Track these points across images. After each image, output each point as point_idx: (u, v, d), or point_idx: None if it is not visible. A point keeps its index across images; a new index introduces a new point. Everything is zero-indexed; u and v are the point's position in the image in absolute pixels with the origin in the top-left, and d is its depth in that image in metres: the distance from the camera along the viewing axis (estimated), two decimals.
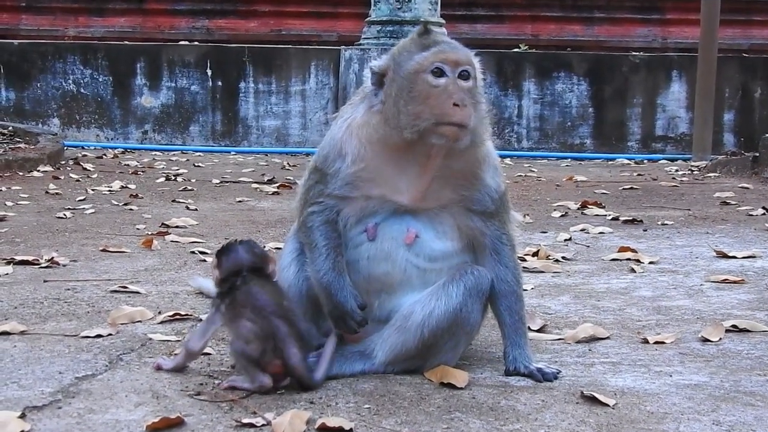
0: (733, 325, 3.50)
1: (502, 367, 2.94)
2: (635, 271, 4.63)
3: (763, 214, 6.62)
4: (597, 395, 2.67)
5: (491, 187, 2.89)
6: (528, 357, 2.92)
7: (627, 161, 11.89)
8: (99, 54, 12.98)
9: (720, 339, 3.35)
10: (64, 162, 9.96)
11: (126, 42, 13.63)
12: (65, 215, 6.38)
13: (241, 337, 2.69)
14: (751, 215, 6.64)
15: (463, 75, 2.73)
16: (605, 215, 6.62)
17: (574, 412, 2.59)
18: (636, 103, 12.86)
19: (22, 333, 3.31)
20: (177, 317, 3.57)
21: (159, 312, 3.65)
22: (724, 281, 4.38)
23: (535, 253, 4.95)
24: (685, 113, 12.73)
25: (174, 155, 11.81)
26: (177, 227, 5.93)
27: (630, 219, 6.36)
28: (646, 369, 3.01)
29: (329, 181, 2.86)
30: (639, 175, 9.95)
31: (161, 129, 12.93)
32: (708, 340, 3.34)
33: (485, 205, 2.89)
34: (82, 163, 9.98)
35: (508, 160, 11.44)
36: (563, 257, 4.98)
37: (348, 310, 2.81)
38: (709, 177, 9.60)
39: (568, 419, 2.53)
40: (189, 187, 8.25)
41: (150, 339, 3.27)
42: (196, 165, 10.49)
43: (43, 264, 4.60)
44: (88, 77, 12.93)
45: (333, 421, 2.42)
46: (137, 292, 4.04)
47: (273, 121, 12.87)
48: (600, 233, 5.84)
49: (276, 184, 8.52)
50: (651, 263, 4.85)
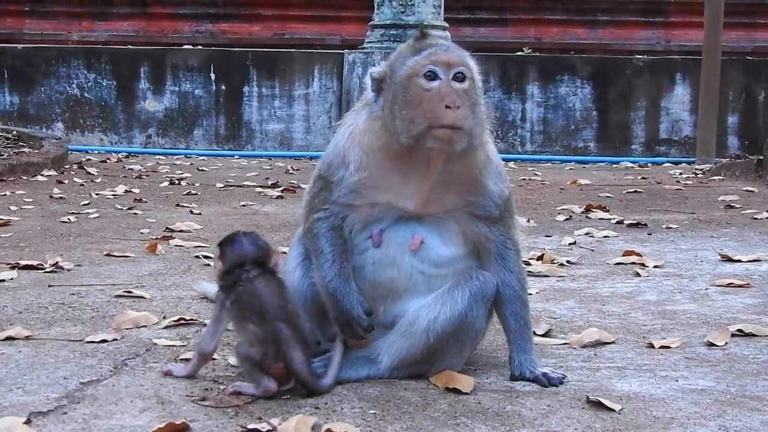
0: (739, 330, 3.49)
1: (507, 372, 2.93)
2: (640, 275, 4.63)
3: None
4: (603, 400, 2.67)
5: (494, 193, 2.88)
6: (533, 362, 2.91)
7: (631, 164, 11.88)
8: (102, 58, 12.99)
9: (726, 343, 3.35)
10: (68, 166, 9.97)
11: (129, 46, 13.65)
12: (69, 220, 6.38)
13: (245, 339, 2.68)
14: (756, 218, 6.63)
15: (458, 77, 2.71)
16: (610, 219, 6.62)
17: (579, 417, 2.59)
18: (640, 107, 12.85)
19: (26, 338, 3.31)
20: (182, 322, 3.57)
21: (164, 317, 3.65)
22: (729, 285, 4.37)
23: (540, 257, 4.94)
24: (689, 116, 12.72)
25: (178, 159, 11.82)
26: (181, 231, 5.93)
27: (634, 222, 6.36)
28: (651, 374, 3.00)
29: (334, 189, 2.86)
30: (643, 179, 9.94)
31: (165, 133, 12.94)
32: (714, 344, 3.33)
33: (489, 211, 2.88)
34: (86, 168, 9.99)
35: (511, 163, 11.44)
36: (568, 261, 4.98)
37: (354, 316, 2.81)
38: (714, 180, 9.60)
39: (573, 424, 2.53)
40: (193, 191, 8.25)
41: (155, 344, 3.27)
42: (199, 169, 10.50)
43: (48, 269, 4.60)
44: (91, 81, 12.94)
45: (338, 427, 2.42)
46: (142, 296, 4.04)
47: (276, 125, 12.88)
48: (604, 237, 5.84)
49: (280, 188, 8.52)
50: (656, 267, 4.84)
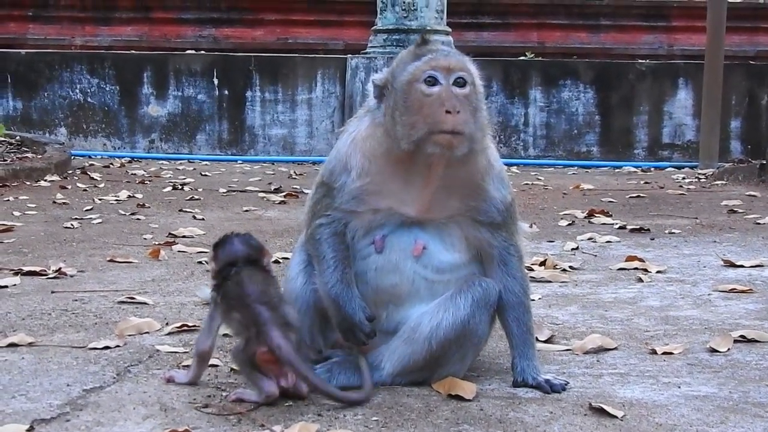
0: (742, 336, 3.49)
1: (509, 379, 2.93)
2: (643, 281, 4.63)
3: None
4: (605, 407, 2.66)
5: (497, 198, 2.88)
6: (536, 368, 2.91)
7: (634, 169, 11.88)
8: (106, 63, 13.01)
9: (728, 349, 3.34)
10: (71, 171, 9.98)
11: (133, 51, 13.66)
12: (72, 225, 6.39)
13: (232, 330, 2.71)
14: (759, 223, 6.63)
15: (458, 82, 2.71)
16: (612, 224, 6.62)
17: (582, 424, 2.58)
18: (642, 111, 12.86)
19: (30, 345, 3.31)
20: (184, 328, 3.57)
21: (166, 323, 3.66)
22: (731, 291, 4.37)
23: (543, 263, 4.94)
24: (692, 121, 12.72)
25: (181, 164, 11.83)
26: (184, 237, 5.93)
27: (637, 228, 6.35)
28: (654, 380, 3.00)
29: (336, 196, 2.86)
30: (646, 183, 9.94)
31: (168, 138, 12.95)
32: (716, 350, 3.33)
33: (492, 216, 2.88)
34: (89, 173, 10.00)
35: (514, 168, 11.44)
36: (570, 267, 4.97)
37: (357, 321, 2.81)
38: (716, 185, 9.59)
39: (576, 431, 2.53)
40: (196, 197, 8.26)
41: (157, 350, 3.27)
42: (202, 174, 10.50)
43: (51, 275, 4.61)
44: (95, 86, 12.95)
45: None
46: (145, 302, 4.05)
47: (279, 130, 12.89)
48: (607, 242, 5.83)
49: (283, 193, 8.53)
50: (658, 272, 4.84)
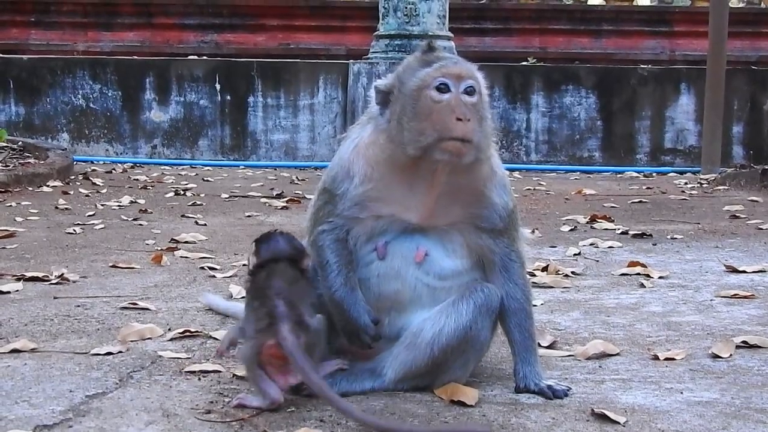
0: (744, 341, 3.48)
1: (512, 385, 2.93)
2: (645, 286, 4.63)
3: None
4: (607, 413, 2.66)
5: (499, 205, 2.89)
6: (538, 374, 2.91)
7: (636, 174, 11.88)
8: (108, 68, 13.02)
9: (730, 355, 3.34)
10: (73, 177, 9.98)
11: (135, 56, 13.68)
12: (75, 231, 6.39)
13: (246, 317, 2.71)
14: (761, 229, 6.62)
15: (468, 90, 2.73)
16: (614, 229, 6.61)
17: (584, 429, 2.58)
18: (644, 116, 12.86)
19: (32, 351, 3.31)
20: (187, 334, 3.57)
21: (169, 329, 3.66)
22: (734, 296, 4.37)
23: (545, 268, 4.94)
24: (694, 126, 12.72)
25: (183, 170, 11.84)
26: (186, 242, 5.93)
27: (639, 233, 6.35)
28: (656, 386, 3.00)
29: (338, 202, 2.87)
30: (648, 188, 9.94)
31: (170, 143, 12.96)
32: (718, 356, 3.33)
33: (494, 223, 2.89)
34: (91, 178, 10.01)
35: (516, 173, 11.45)
36: (573, 272, 4.97)
37: (361, 325, 2.81)
38: (719, 190, 9.59)
39: None
40: (198, 202, 8.26)
41: (160, 356, 3.27)
42: (205, 179, 10.51)
43: (53, 280, 4.61)
44: (97, 92, 12.97)
45: None
46: (147, 308, 4.05)
47: (282, 135, 12.90)
48: (609, 247, 5.84)
49: (285, 198, 8.53)
50: (661, 278, 4.84)
